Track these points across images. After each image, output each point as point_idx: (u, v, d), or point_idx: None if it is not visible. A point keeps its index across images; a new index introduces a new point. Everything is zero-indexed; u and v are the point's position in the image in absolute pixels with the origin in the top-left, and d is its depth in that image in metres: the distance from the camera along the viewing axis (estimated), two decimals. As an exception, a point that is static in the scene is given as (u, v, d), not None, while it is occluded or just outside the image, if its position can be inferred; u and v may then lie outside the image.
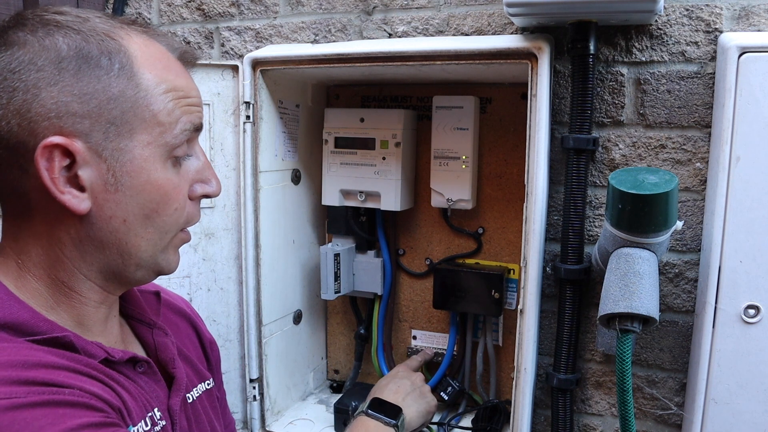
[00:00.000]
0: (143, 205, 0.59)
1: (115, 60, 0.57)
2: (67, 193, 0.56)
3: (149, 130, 0.58)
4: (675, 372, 0.97)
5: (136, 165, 0.58)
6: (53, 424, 0.49)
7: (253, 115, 1.02)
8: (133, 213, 0.59)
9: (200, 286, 1.08)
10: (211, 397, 0.78)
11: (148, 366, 0.66)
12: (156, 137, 0.59)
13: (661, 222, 0.77)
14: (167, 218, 0.61)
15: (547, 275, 1.00)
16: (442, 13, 1.03)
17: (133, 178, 0.58)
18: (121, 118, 0.57)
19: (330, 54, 0.97)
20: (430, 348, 1.17)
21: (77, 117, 0.55)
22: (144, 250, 0.61)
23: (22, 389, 0.50)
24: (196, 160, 0.65)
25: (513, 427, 0.94)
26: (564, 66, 0.96)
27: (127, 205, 0.59)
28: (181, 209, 0.62)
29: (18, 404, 0.49)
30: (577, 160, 0.94)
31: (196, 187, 0.65)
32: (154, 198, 0.60)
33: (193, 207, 0.65)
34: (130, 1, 1.22)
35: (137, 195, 0.59)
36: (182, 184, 0.63)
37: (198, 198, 0.65)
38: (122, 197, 0.58)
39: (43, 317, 0.58)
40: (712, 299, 0.84)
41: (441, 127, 1.06)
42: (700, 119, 0.91)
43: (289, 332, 1.15)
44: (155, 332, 0.71)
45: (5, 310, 0.56)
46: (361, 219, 1.15)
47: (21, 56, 0.55)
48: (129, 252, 0.61)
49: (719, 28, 0.89)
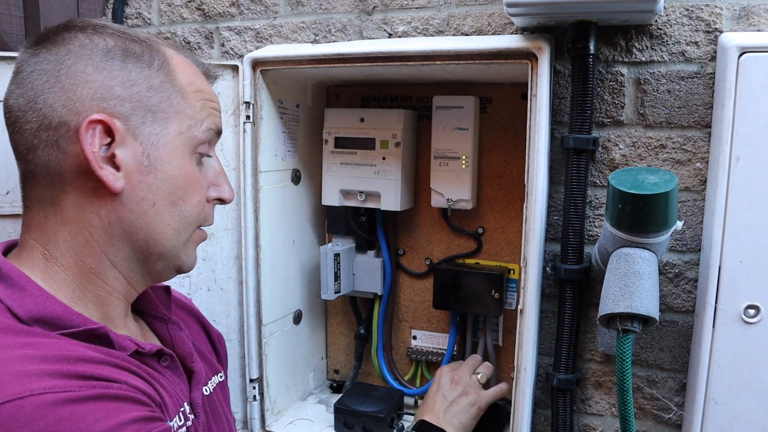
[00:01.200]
0: (171, 191, 0.63)
1: (156, 57, 0.63)
2: (105, 170, 0.59)
3: (181, 121, 0.63)
4: (675, 372, 0.97)
5: (169, 150, 0.62)
6: (107, 418, 0.51)
7: (253, 115, 1.02)
8: (162, 197, 0.62)
9: (200, 286, 1.08)
10: (224, 390, 0.80)
11: (171, 360, 0.67)
12: (186, 129, 0.64)
13: (661, 222, 0.77)
14: (191, 208, 0.65)
15: (547, 275, 1.00)
16: (442, 13, 1.03)
17: (165, 162, 0.62)
18: (158, 106, 0.62)
19: (330, 54, 0.97)
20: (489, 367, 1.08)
21: (119, 99, 0.60)
22: (168, 239, 0.64)
23: (74, 383, 0.52)
24: (214, 166, 0.69)
25: (513, 427, 0.93)
26: (564, 66, 0.96)
27: (158, 189, 0.62)
28: (202, 203, 0.66)
29: (74, 398, 0.50)
30: (577, 160, 0.94)
31: (211, 191, 0.68)
32: (182, 185, 0.63)
33: (209, 207, 0.69)
34: (130, 1, 1.22)
35: (168, 180, 0.62)
36: (203, 182, 0.67)
37: (213, 201, 0.69)
38: (154, 180, 0.62)
39: (74, 311, 0.59)
40: (712, 299, 0.84)
41: (441, 127, 1.06)
42: (700, 119, 0.91)
43: (289, 332, 1.15)
44: (170, 327, 0.73)
45: (38, 305, 0.57)
46: (361, 219, 1.15)
47: (71, 47, 0.60)
48: (155, 238, 0.63)
49: (719, 28, 0.89)
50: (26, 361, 0.51)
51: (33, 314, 0.57)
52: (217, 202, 0.70)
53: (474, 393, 1.00)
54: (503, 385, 1.04)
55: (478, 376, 1.04)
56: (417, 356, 1.18)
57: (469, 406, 0.99)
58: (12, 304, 0.57)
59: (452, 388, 1.00)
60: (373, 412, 1.06)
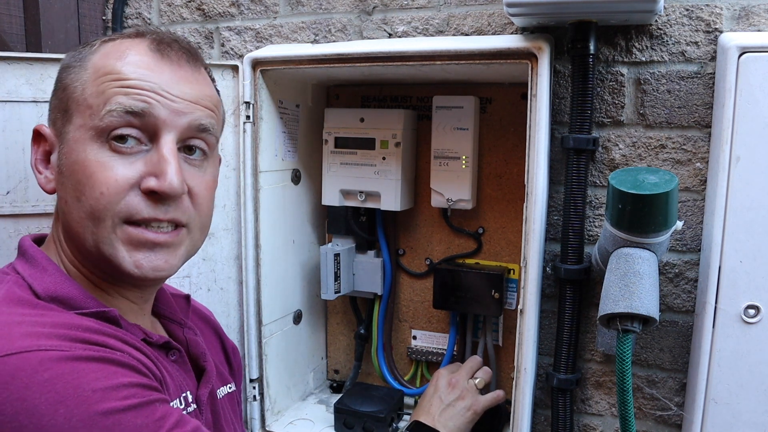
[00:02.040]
0: (74, 186, 0.62)
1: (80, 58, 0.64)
2: (42, 173, 0.65)
3: (81, 113, 0.62)
4: (675, 372, 0.97)
5: (69, 146, 0.62)
6: (107, 378, 0.53)
7: (253, 115, 1.02)
8: (70, 194, 0.62)
9: (200, 286, 1.08)
10: (232, 401, 0.80)
11: (179, 355, 0.69)
12: (86, 120, 0.61)
13: (661, 222, 0.77)
14: (93, 202, 0.60)
15: (547, 275, 1.00)
16: (442, 13, 1.03)
17: (67, 158, 0.63)
18: (66, 104, 0.63)
19: (330, 54, 0.96)
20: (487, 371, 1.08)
21: (52, 109, 0.66)
22: (85, 239, 0.62)
23: (79, 345, 0.54)
24: (155, 153, 0.62)
25: (513, 427, 0.93)
26: (564, 66, 0.96)
27: (66, 185, 0.63)
28: (109, 195, 0.60)
29: (76, 356, 0.53)
30: (577, 160, 0.94)
31: (149, 180, 0.61)
32: (80, 179, 0.61)
33: (136, 198, 0.61)
34: (130, 1, 1.22)
35: (70, 175, 0.62)
36: (120, 170, 0.60)
37: (145, 190, 0.61)
38: (63, 178, 0.63)
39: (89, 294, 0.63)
40: (712, 299, 0.84)
41: (441, 127, 1.06)
42: (700, 119, 0.91)
43: (289, 332, 1.15)
44: (186, 331, 0.75)
45: (56, 285, 0.61)
46: (361, 219, 1.15)
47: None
48: (75, 236, 0.64)
49: (719, 28, 0.89)
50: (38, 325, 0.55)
51: (50, 292, 0.60)
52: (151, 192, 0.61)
53: (470, 397, 1.00)
54: (500, 392, 1.04)
55: (476, 381, 1.03)
56: (417, 356, 1.18)
57: (464, 410, 0.98)
58: (33, 282, 0.61)
59: (449, 392, 1.00)
60: (373, 412, 1.06)
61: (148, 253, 0.62)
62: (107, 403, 0.51)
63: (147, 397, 0.55)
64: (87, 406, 0.50)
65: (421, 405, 1.00)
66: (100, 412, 0.51)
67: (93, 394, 0.51)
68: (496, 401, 1.03)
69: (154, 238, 0.62)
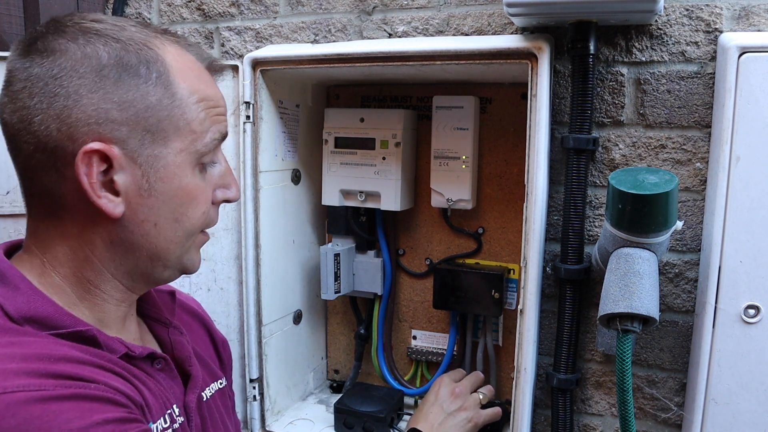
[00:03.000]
0: (174, 210, 0.62)
1: (153, 69, 0.59)
2: (104, 198, 0.58)
3: (182, 138, 0.61)
4: (675, 372, 0.97)
5: (170, 171, 0.60)
6: (80, 418, 0.50)
7: (253, 115, 1.02)
8: (164, 217, 0.61)
9: (200, 286, 1.08)
10: (223, 396, 0.79)
11: (165, 363, 0.67)
12: (188, 145, 0.61)
13: (661, 222, 0.77)
14: (195, 221, 0.64)
15: (547, 275, 1.00)
16: (442, 13, 1.03)
17: (165, 183, 0.60)
18: (157, 126, 0.59)
19: (330, 54, 0.97)
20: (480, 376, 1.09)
21: (116, 124, 0.57)
22: (172, 252, 0.64)
23: (50, 382, 0.51)
24: (220, 166, 0.67)
25: (513, 427, 0.93)
26: (564, 66, 0.96)
27: (159, 210, 0.61)
28: (206, 213, 0.65)
29: (47, 396, 0.50)
30: (577, 160, 0.94)
31: (218, 193, 0.67)
32: (184, 202, 0.62)
33: (214, 211, 0.67)
34: (130, 1, 1.22)
35: (169, 200, 0.61)
36: (208, 189, 0.65)
37: (219, 203, 0.68)
38: (155, 202, 0.60)
39: (66, 312, 0.59)
40: (712, 299, 0.84)
41: (441, 127, 1.06)
42: (700, 119, 0.91)
43: (289, 332, 1.15)
44: (171, 331, 0.73)
45: (30, 305, 0.57)
46: (361, 219, 1.15)
47: (63, 63, 0.56)
48: (158, 255, 0.63)
49: (719, 28, 0.89)
50: (6, 359, 0.51)
51: (24, 313, 0.57)
52: (223, 202, 0.69)
53: (473, 410, 1.00)
54: (498, 410, 1.04)
55: (480, 396, 1.03)
56: (417, 356, 1.18)
57: (465, 422, 0.98)
58: (4, 302, 0.57)
59: (452, 401, 0.99)
60: (373, 412, 1.06)
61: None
62: None
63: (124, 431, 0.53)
64: None
65: (421, 411, 0.99)
66: None
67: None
68: (495, 418, 1.03)
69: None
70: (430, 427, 0.95)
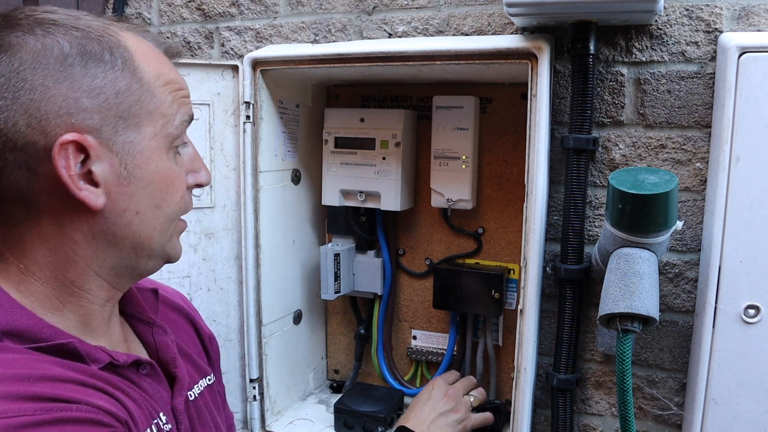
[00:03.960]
0: (154, 196, 0.61)
1: (117, 55, 0.58)
2: (84, 190, 0.56)
3: (154, 122, 0.60)
4: (675, 372, 0.97)
5: (146, 156, 0.60)
6: None
7: (253, 115, 1.02)
8: (146, 204, 0.61)
9: (200, 286, 1.08)
10: (212, 393, 0.78)
11: (151, 368, 0.65)
12: (160, 129, 0.61)
13: (661, 222, 0.77)
14: (174, 206, 0.63)
15: (547, 275, 1.00)
16: (442, 13, 1.03)
17: (143, 169, 0.60)
18: (129, 111, 0.58)
19: (330, 54, 0.97)
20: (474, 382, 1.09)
21: (88, 113, 0.55)
22: (155, 240, 0.63)
23: (29, 406, 0.49)
24: (188, 151, 0.67)
25: (513, 427, 0.93)
26: (564, 66, 0.96)
27: (140, 197, 0.60)
28: (183, 198, 0.65)
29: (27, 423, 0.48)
30: (577, 160, 0.94)
31: (189, 177, 0.66)
32: (163, 188, 0.62)
33: (189, 196, 0.67)
34: (130, 1, 1.22)
35: (148, 186, 0.60)
36: (182, 174, 0.65)
37: (191, 187, 0.67)
38: (135, 189, 0.60)
39: (45, 323, 0.57)
40: (712, 299, 0.84)
41: (441, 127, 1.06)
42: (700, 119, 0.91)
43: (289, 332, 1.15)
44: (155, 331, 0.71)
45: (8, 317, 0.55)
46: (361, 219, 1.15)
47: (22, 56, 0.54)
48: (142, 244, 0.62)
49: (719, 28, 0.89)
50: None
51: (2, 327, 0.54)
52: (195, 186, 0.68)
53: (464, 412, 1.00)
54: (489, 415, 1.05)
55: (471, 399, 1.04)
56: (417, 356, 1.18)
57: (456, 423, 0.98)
58: None
59: (445, 402, 1.00)
60: (373, 412, 1.06)
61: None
62: None
63: None
64: None
65: (413, 409, 0.99)
66: None
67: None
68: (486, 423, 1.04)
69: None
70: (420, 423, 0.95)
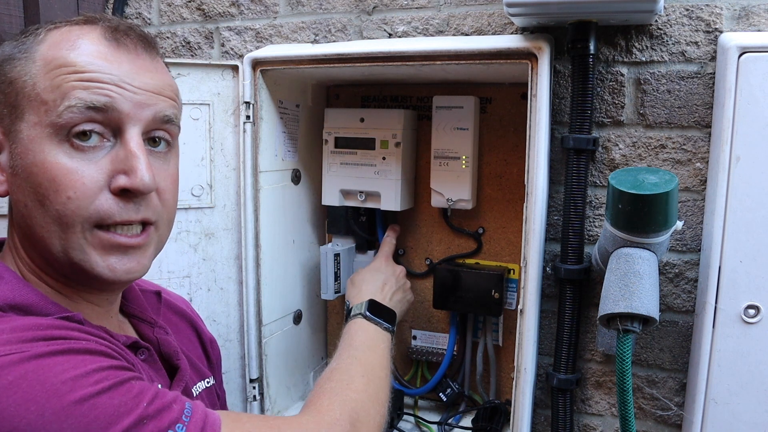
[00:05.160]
0: (34, 189, 0.57)
1: (24, 49, 0.59)
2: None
3: (35, 109, 0.57)
4: (675, 372, 0.97)
5: (23, 146, 0.58)
6: (75, 368, 0.51)
7: (253, 115, 1.02)
8: (30, 197, 0.58)
9: (200, 286, 1.08)
10: (211, 395, 0.78)
11: (149, 353, 0.67)
12: (42, 117, 0.57)
13: (661, 222, 0.77)
14: (60, 207, 0.57)
15: (547, 275, 1.00)
16: (442, 13, 1.03)
17: (22, 159, 0.58)
18: (15, 99, 0.58)
19: (330, 54, 0.96)
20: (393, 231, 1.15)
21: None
22: (52, 244, 0.59)
23: (39, 343, 0.52)
24: (121, 149, 0.59)
25: (513, 427, 0.93)
26: (564, 66, 0.96)
27: (25, 189, 0.58)
28: (77, 199, 0.57)
29: (38, 353, 0.51)
30: (577, 160, 0.94)
31: (117, 178, 0.58)
32: (41, 182, 0.57)
33: (108, 201, 0.58)
34: (130, 1, 1.22)
35: (28, 178, 0.58)
36: (86, 172, 0.57)
37: (116, 190, 0.58)
38: (19, 180, 0.59)
39: (50, 300, 0.60)
40: (712, 299, 0.84)
41: (441, 127, 1.06)
42: (700, 119, 0.91)
43: (289, 332, 1.15)
44: (156, 330, 0.72)
45: (14, 292, 0.58)
46: (361, 219, 1.15)
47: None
48: (41, 242, 0.60)
49: (719, 28, 0.89)
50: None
51: (8, 301, 0.57)
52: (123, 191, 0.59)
53: (410, 291, 1.08)
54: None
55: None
56: (417, 356, 1.18)
57: (407, 303, 1.07)
58: None
59: (400, 278, 1.06)
60: (373, 412, 1.06)
61: (121, 257, 0.60)
62: (79, 391, 0.50)
63: (120, 377, 0.53)
64: (58, 397, 0.49)
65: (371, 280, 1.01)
66: (74, 401, 0.49)
67: (62, 385, 0.50)
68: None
69: (126, 242, 0.60)
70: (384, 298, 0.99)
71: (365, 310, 0.92)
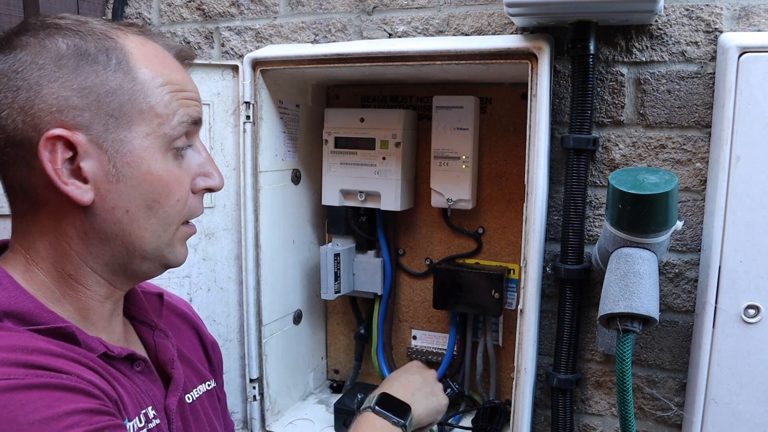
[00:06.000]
0: (145, 196, 0.61)
1: (112, 56, 0.59)
2: (71, 185, 0.58)
3: (147, 121, 0.60)
4: (675, 372, 0.97)
5: (136, 156, 0.60)
6: (49, 407, 0.49)
7: (253, 115, 1.02)
8: (136, 203, 0.61)
9: (200, 286, 1.08)
10: (211, 398, 0.78)
11: (145, 365, 0.66)
12: (154, 128, 0.61)
13: (661, 222, 0.77)
14: (169, 209, 0.63)
15: (547, 275, 1.00)
16: (442, 13, 1.03)
17: (133, 168, 0.60)
18: (120, 110, 0.59)
19: (330, 54, 0.97)
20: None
21: (77, 110, 0.57)
22: (148, 242, 0.63)
23: (20, 371, 0.51)
24: (198, 155, 0.66)
25: (513, 427, 0.93)
26: (564, 66, 0.96)
27: (129, 196, 0.60)
28: (182, 201, 0.64)
29: (15, 385, 0.49)
30: (577, 160, 0.94)
31: (199, 181, 0.66)
32: (155, 188, 0.61)
33: (195, 200, 0.66)
34: (130, 1, 1.22)
35: (139, 185, 0.61)
36: (183, 177, 0.64)
37: (200, 191, 0.67)
38: (124, 188, 0.60)
39: (47, 308, 0.59)
40: (712, 299, 0.84)
41: (441, 127, 1.06)
42: (700, 119, 0.91)
43: (289, 332, 1.15)
44: (156, 334, 0.73)
45: (11, 300, 0.57)
46: (361, 219, 1.15)
47: (23, 57, 0.57)
48: (133, 244, 0.62)
49: (719, 28, 0.89)
50: None
51: (4, 308, 0.56)
52: (205, 192, 0.68)
53: (442, 395, 0.98)
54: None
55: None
56: (417, 356, 1.18)
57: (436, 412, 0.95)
58: None
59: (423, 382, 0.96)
60: (373, 412, 1.06)
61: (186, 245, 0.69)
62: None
63: (95, 425, 0.51)
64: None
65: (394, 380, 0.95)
66: None
67: (30, 427, 0.47)
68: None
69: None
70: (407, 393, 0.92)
71: (374, 404, 0.87)
